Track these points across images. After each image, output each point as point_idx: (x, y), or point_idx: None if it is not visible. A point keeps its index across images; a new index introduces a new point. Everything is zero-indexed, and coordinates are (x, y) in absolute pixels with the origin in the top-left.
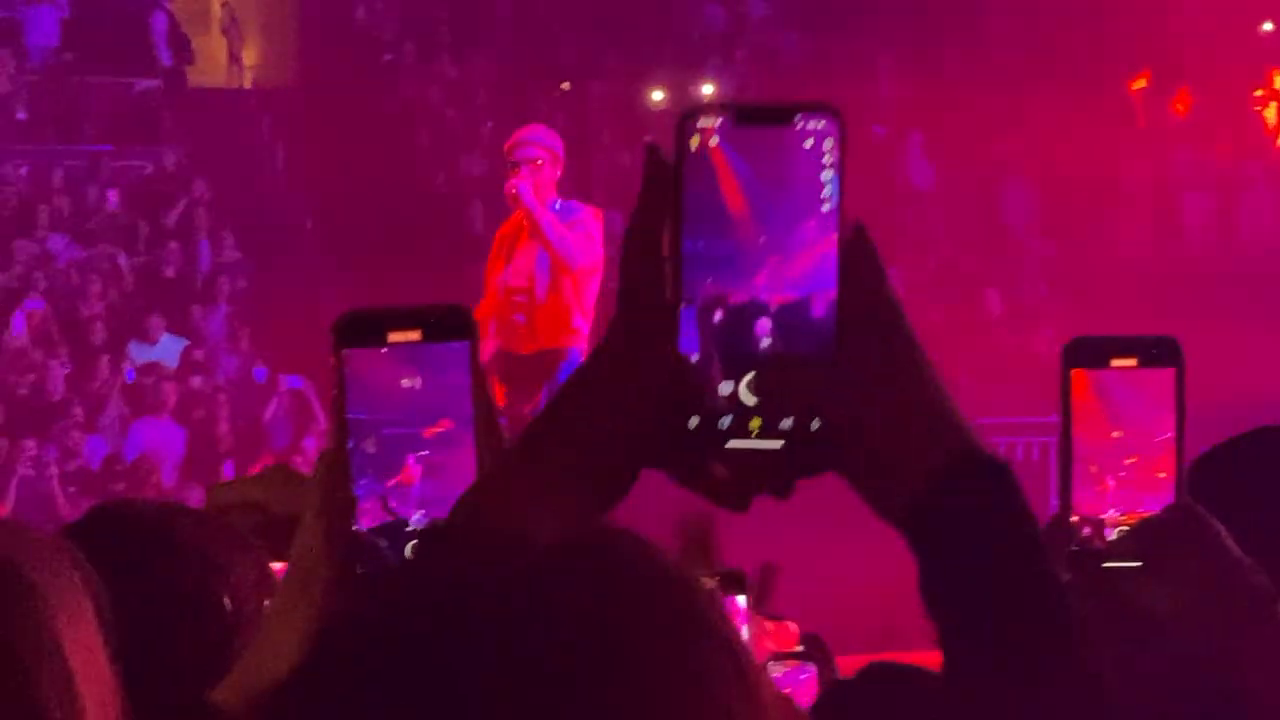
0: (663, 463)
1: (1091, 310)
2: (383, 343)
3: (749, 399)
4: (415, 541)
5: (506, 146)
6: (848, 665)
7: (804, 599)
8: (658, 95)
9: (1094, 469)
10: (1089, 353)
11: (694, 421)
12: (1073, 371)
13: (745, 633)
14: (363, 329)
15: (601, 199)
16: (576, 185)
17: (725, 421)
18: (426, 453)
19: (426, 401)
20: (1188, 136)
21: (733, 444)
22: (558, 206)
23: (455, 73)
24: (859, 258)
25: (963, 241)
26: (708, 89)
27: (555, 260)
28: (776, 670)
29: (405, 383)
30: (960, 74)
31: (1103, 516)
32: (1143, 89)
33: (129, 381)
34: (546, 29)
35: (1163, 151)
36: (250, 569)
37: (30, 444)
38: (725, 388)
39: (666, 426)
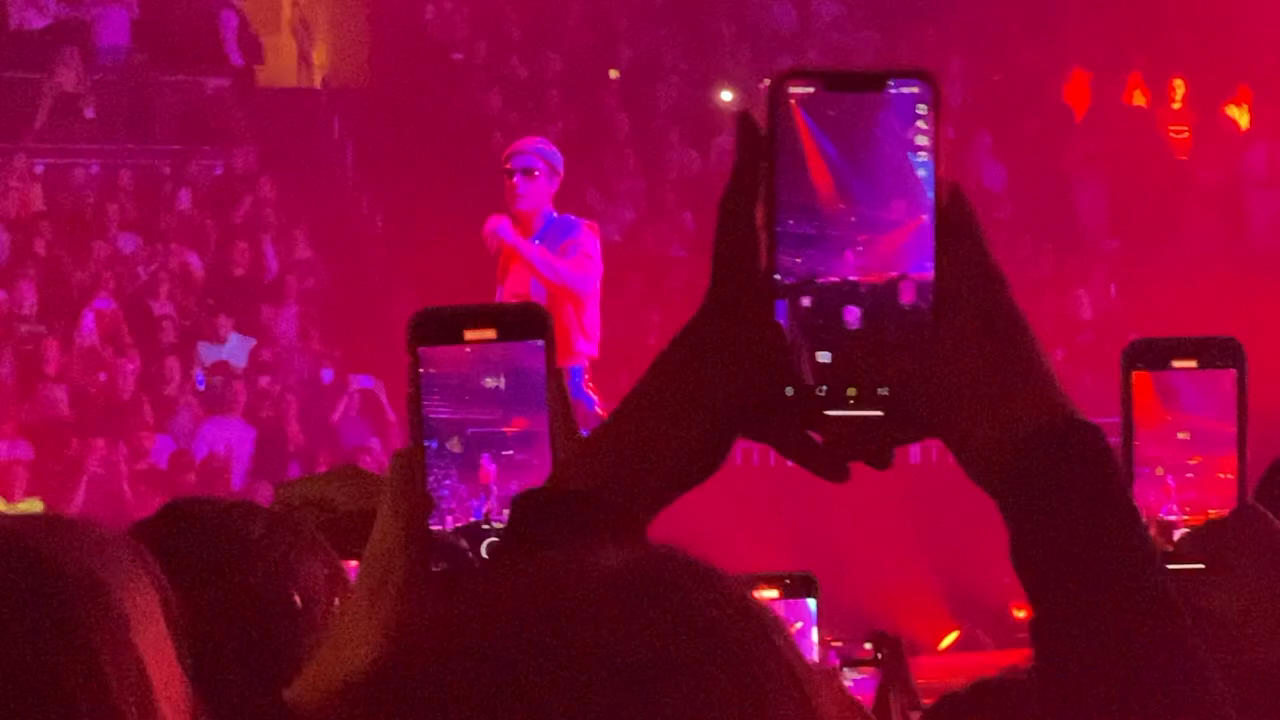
0: (761, 433)
1: (1159, 311)
2: (459, 341)
3: (846, 368)
4: (491, 540)
5: (503, 156)
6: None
7: (874, 594)
8: (727, 96)
9: (1157, 470)
10: (1150, 354)
11: (791, 391)
12: (1134, 373)
13: (815, 636)
14: (438, 327)
15: (672, 200)
16: (650, 187)
17: (823, 391)
18: (502, 451)
19: (502, 400)
20: (1260, 135)
21: (831, 413)
22: (554, 219)
23: (524, 73)
24: (957, 224)
25: (1034, 241)
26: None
27: (551, 290)
28: (848, 677)
29: (481, 381)
30: (1030, 74)
31: (1166, 518)
32: (1211, 87)
33: (199, 387)
34: (615, 29)
35: (1233, 150)
36: (321, 567)
37: (100, 443)
38: (823, 357)
39: (764, 397)
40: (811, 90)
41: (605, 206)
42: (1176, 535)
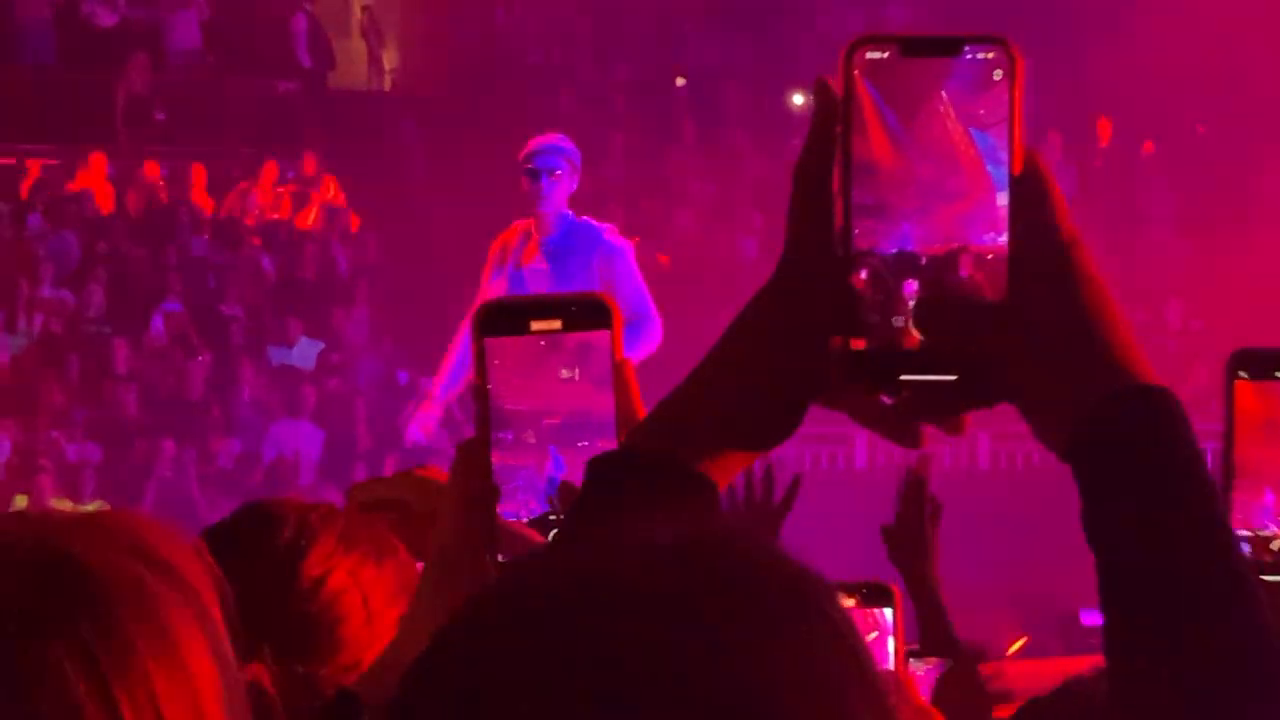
0: (833, 398)
1: (1237, 319)
2: (524, 332)
3: (920, 332)
4: (555, 535)
5: (523, 155)
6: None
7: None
8: (798, 100)
9: (1256, 481)
10: (1254, 364)
11: (865, 355)
12: (1236, 382)
13: (891, 645)
14: (504, 318)
15: (744, 201)
16: (721, 189)
17: (897, 354)
18: (568, 441)
19: (568, 390)
20: None
21: (905, 377)
22: (571, 222)
23: (594, 76)
24: (1033, 190)
25: (1104, 243)
26: None
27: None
28: (917, 668)
29: (546, 372)
30: (1101, 76)
31: (1265, 531)
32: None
33: (264, 387)
34: (685, 34)
35: None
36: (395, 569)
37: (168, 445)
38: (897, 321)
39: (838, 360)
40: (885, 55)
41: (674, 209)
42: (1275, 546)
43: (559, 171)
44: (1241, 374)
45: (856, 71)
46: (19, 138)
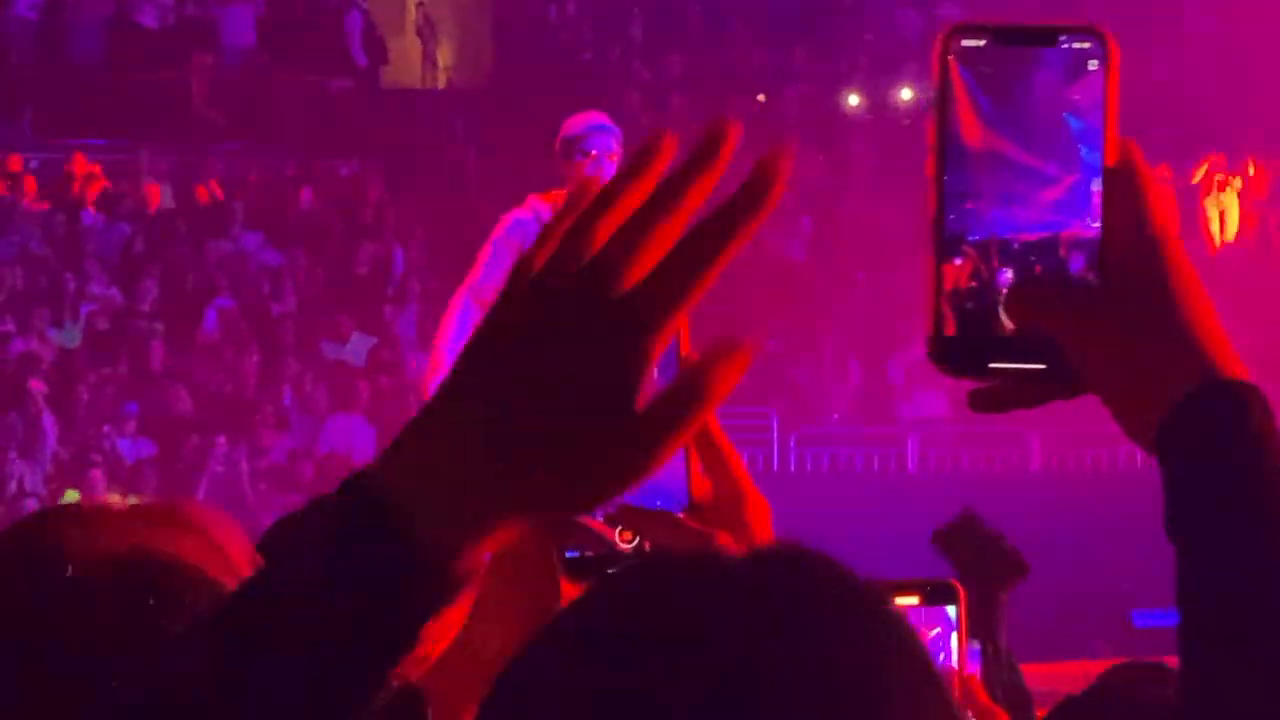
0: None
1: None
2: None
3: (1011, 319)
4: (621, 527)
5: (574, 134)
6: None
7: None
8: (853, 100)
9: None
10: None
11: (955, 341)
12: None
13: (954, 642)
14: None
15: (792, 203)
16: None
17: (987, 341)
18: None
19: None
20: None
21: (994, 364)
22: None
23: (647, 75)
24: (1127, 181)
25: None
26: (906, 93)
27: None
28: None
29: None
30: (1161, 82)
31: None
32: None
33: (317, 383)
34: (739, 32)
35: None
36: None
37: (221, 441)
38: (988, 307)
39: (929, 346)
40: (981, 44)
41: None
42: None
43: (614, 153)
44: None
45: (951, 58)
46: (72, 134)
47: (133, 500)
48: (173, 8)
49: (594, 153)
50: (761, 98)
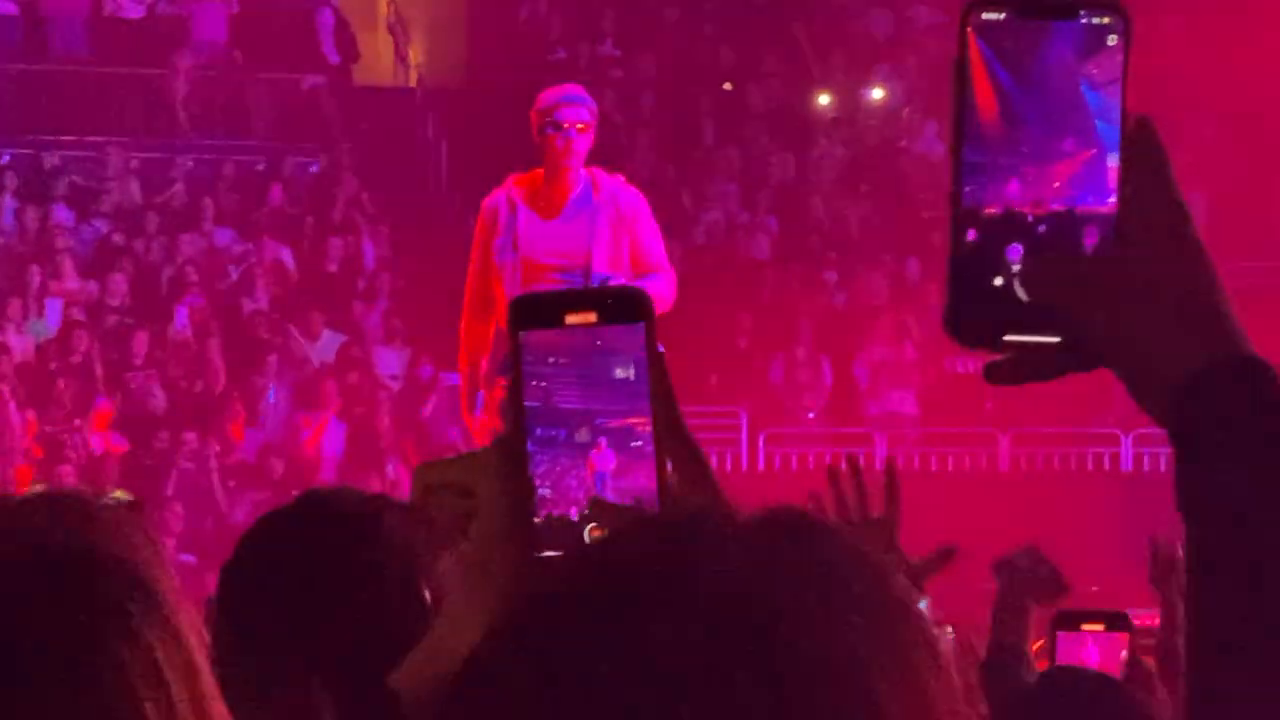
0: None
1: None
2: (559, 325)
3: (1026, 292)
4: (590, 527)
5: (545, 106)
6: None
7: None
8: (823, 100)
9: None
10: None
11: (971, 313)
12: None
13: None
14: (539, 312)
15: (767, 202)
16: (743, 191)
17: (1002, 314)
18: (605, 435)
19: (605, 384)
20: None
21: (1009, 337)
22: (588, 175)
23: (620, 73)
24: (1143, 157)
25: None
26: (875, 93)
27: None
28: None
29: (583, 365)
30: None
31: None
32: None
33: (287, 380)
34: (711, 31)
35: None
36: (454, 563)
37: (191, 436)
38: (1001, 282)
39: (945, 317)
40: (1001, 17)
41: (696, 208)
42: None
43: (586, 124)
44: None
45: (970, 31)
46: (45, 129)
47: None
48: (149, 4)
49: (564, 125)
50: (728, 85)
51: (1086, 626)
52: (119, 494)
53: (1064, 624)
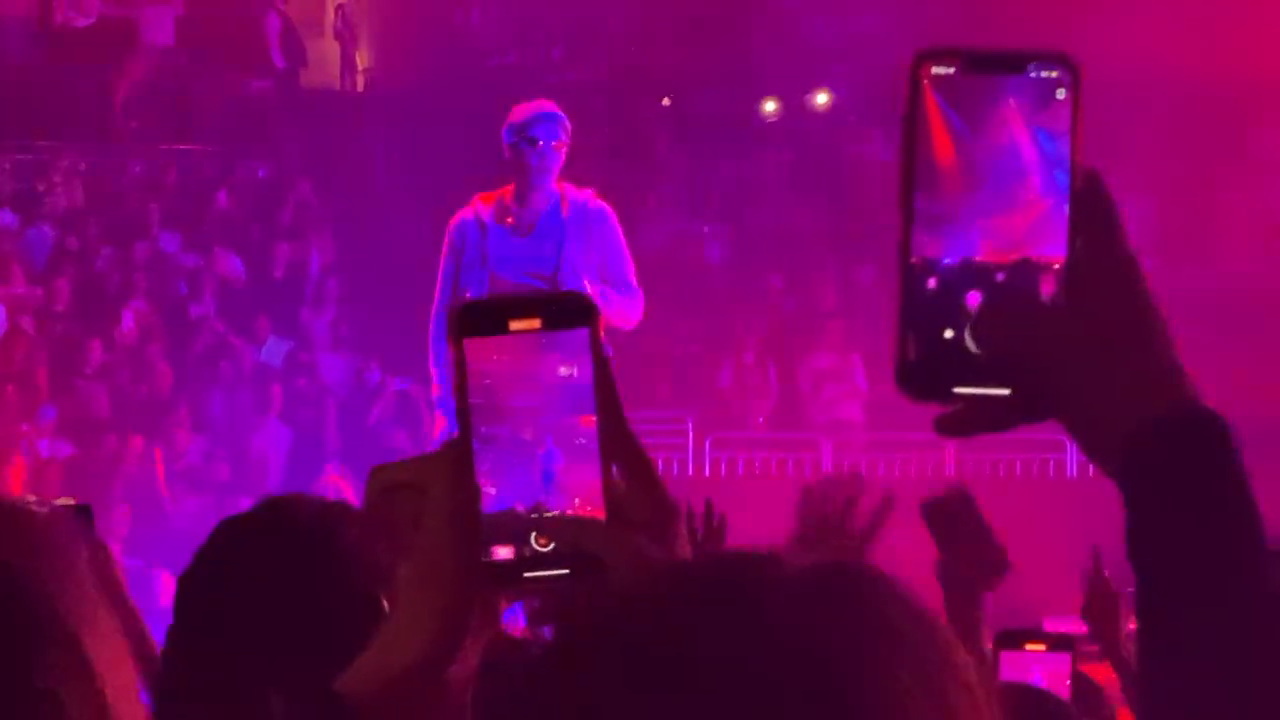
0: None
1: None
2: (504, 331)
3: (976, 343)
4: (536, 531)
5: (517, 123)
6: None
7: None
8: (769, 106)
9: None
10: None
11: (920, 364)
12: None
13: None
14: (483, 318)
15: (711, 210)
16: (691, 196)
17: (951, 365)
18: (549, 440)
19: (548, 389)
20: None
21: (959, 389)
22: (559, 191)
23: (565, 79)
24: (1092, 209)
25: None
26: (821, 98)
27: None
28: None
29: (527, 370)
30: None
31: None
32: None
33: (233, 385)
34: (656, 38)
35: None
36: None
37: (137, 442)
38: (950, 334)
39: (895, 369)
40: (950, 71)
41: (644, 214)
42: None
43: (561, 142)
44: None
45: (925, 82)
46: None
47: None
48: (96, 7)
49: (540, 142)
50: (666, 101)
51: (1030, 646)
52: (65, 500)
53: (1007, 643)
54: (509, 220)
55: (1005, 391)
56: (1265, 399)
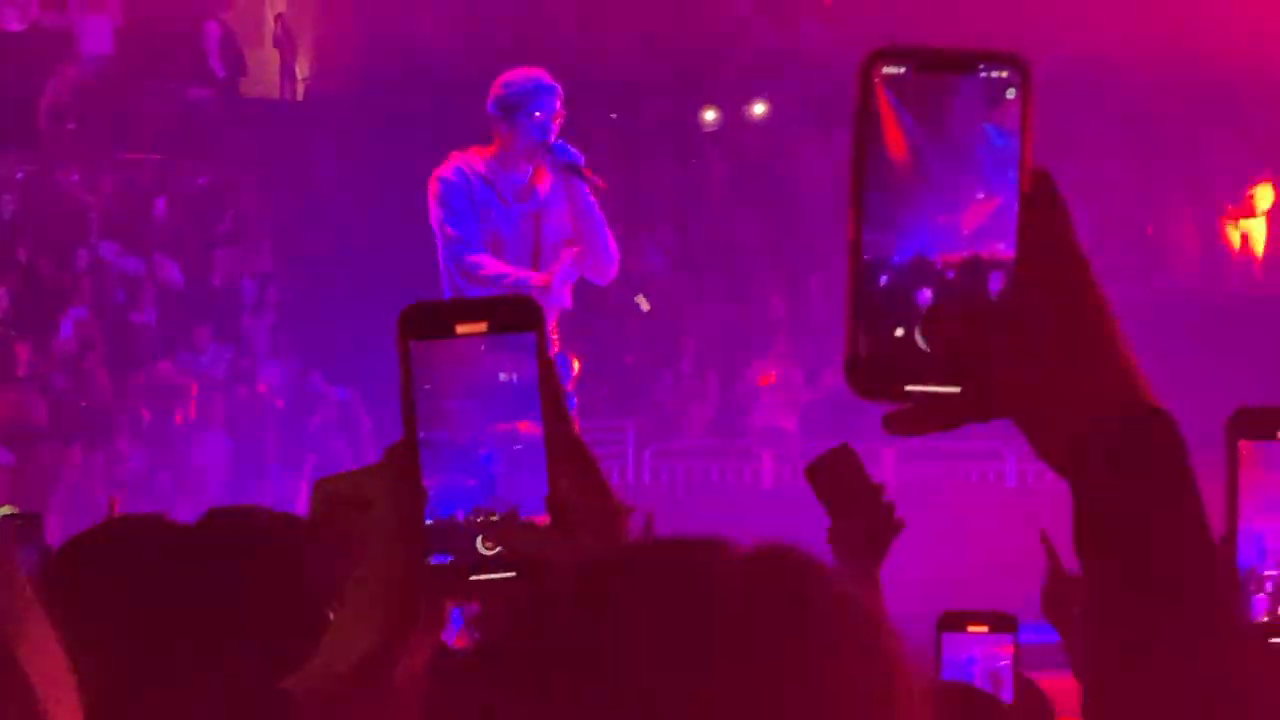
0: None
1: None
2: (449, 334)
3: (927, 342)
4: (483, 535)
5: (515, 93)
6: None
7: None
8: (710, 115)
9: (1264, 542)
10: (1255, 424)
11: (870, 363)
12: (1240, 443)
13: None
14: (429, 321)
15: (652, 215)
16: (626, 201)
17: (903, 364)
18: (495, 443)
19: (494, 392)
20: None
21: (909, 388)
22: (564, 150)
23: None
24: (1041, 208)
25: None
26: (759, 108)
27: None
28: None
29: (473, 374)
30: None
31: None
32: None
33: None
34: (604, 46)
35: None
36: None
37: (76, 450)
38: (901, 332)
39: (845, 367)
40: (901, 70)
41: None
42: None
43: (558, 113)
44: (1244, 434)
45: (877, 81)
46: None
47: None
48: (33, 15)
49: (538, 114)
50: (614, 116)
51: (972, 628)
52: (6, 508)
53: (949, 625)
54: (498, 187)
55: (955, 390)
56: (1207, 399)
